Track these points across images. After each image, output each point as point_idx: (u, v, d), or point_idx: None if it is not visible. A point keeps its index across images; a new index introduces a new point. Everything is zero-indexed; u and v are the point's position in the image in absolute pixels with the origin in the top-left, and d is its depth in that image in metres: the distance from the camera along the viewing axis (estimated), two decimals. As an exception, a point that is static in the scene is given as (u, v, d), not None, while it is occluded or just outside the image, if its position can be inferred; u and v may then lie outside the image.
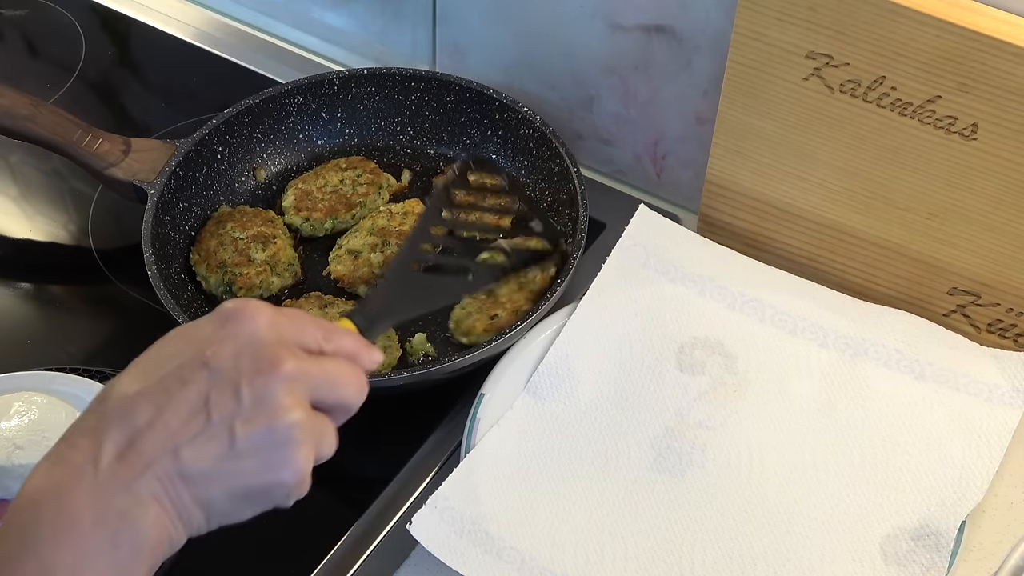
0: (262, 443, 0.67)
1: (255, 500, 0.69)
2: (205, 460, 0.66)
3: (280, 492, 0.69)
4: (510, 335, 1.00)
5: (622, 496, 0.95)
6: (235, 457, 0.67)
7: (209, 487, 0.67)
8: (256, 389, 0.67)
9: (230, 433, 0.67)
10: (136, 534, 0.66)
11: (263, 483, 0.68)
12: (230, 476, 0.67)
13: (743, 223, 1.11)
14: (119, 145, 1.12)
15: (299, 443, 0.68)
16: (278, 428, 0.67)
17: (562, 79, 1.19)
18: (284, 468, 0.68)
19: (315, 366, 0.71)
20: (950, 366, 1.00)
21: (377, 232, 1.11)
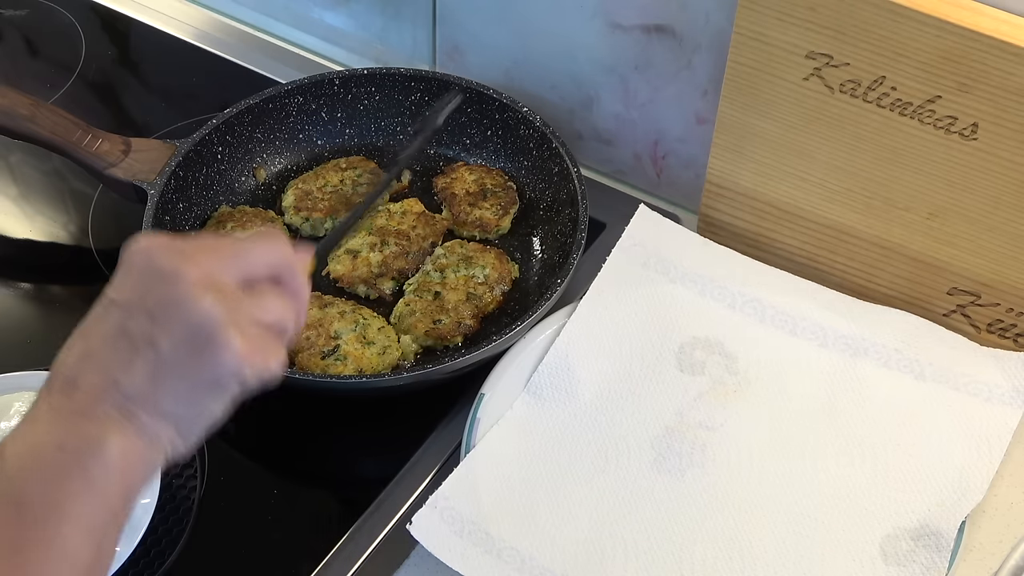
0: (183, 337, 0.68)
1: (209, 393, 0.70)
2: (142, 377, 0.68)
3: (227, 376, 0.69)
4: (510, 335, 1.00)
5: (622, 496, 0.95)
6: (166, 362, 0.68)
7: (158, 401, 0.68)
8: (162, 299, 0.69)
9: (153, 346, 0.68)
10: (102, 454, 0.67)
11: (206, 376, 0.69)
12: (171, 380, 0.68)
13: (743, 223, 1.11)
14: (119, 145, 1.12)
15: (218, 321, 0.68)
16: (190, 317, 0.68)
17: (562, 79, 1.19)
18: (216, 351, 0.68)
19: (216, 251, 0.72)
20: (950, 366, 1.00)
21: (376, 231, 1.11)
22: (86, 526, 0.67)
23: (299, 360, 1.02)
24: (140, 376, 0.68)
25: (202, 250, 0.71)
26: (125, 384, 0.68)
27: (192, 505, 0.96)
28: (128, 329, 0.69)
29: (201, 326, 0.68)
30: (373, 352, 1.02)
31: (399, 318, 1.06)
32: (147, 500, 0.92)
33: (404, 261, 1.10)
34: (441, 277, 1.08)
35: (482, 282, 1.08)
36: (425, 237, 1.11)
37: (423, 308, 1.06)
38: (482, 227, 1.13)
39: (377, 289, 1.09)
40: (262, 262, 0.74)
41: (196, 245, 0.72)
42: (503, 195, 1.15)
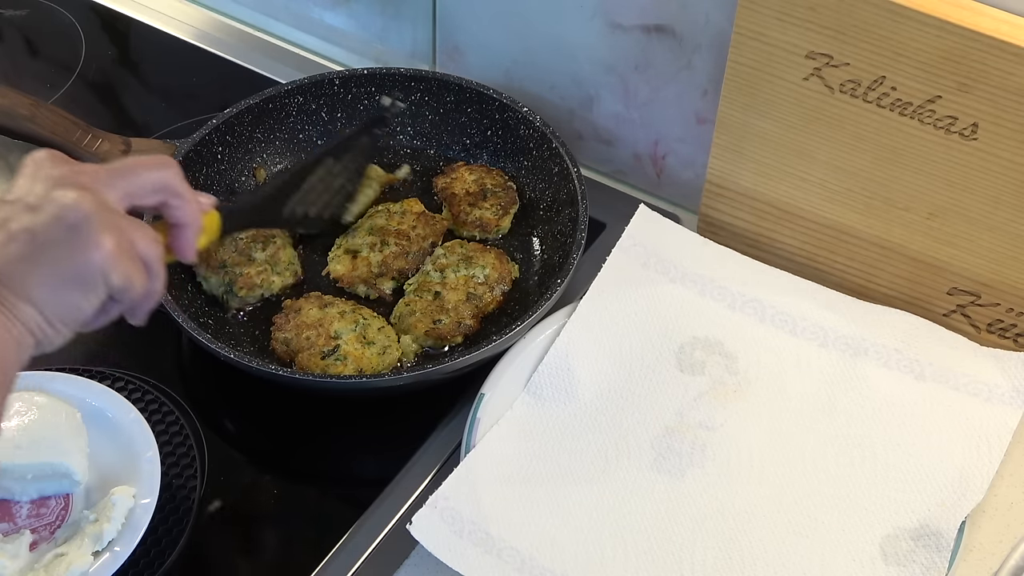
0: (58, 229, 0.72)
1: (75, 284, 0.73)
2: (13, 259, 0.72)
3: (94, 272, 0.73)
4: (510, 335, 1.00)
5: (622, 496, 0.95)
6: (38, 249, 0.72)
7: (25, 280, 0.72)
8: (45, 197, 0.74)
9: (29, 232, 0.72)
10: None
11: (73, 266, 0.73)
12: (40, 265, 0.72)
13: (743, 223, 1.11)
14: (119, 145, 1.12)
15: (93, 223, 0.73)
16: (68, 213, 0.72)
17: (562, 79, 1.19)
18: (87, 248, 0.72)
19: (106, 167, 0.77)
20: (950, 366, 1.00)
21: (376, 231, 1.11)
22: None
23: (299, 360, 1.02)
24: (13, 259, 0.72)
25: (90, 165, 0.77)
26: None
27: (192, 505, 0.96)
28: (8, 221, 0.73)
29: (76, 222, 0.72)
30: (373, 352, 1.02)
31: (399, 318, 1.06)
32: (147, 500, 0.92)
33: (404, 261, 1.10)
34: (441, 277, 1.08)
35: (482, 282, 1.08)
36: (425, 237, 1.11)
37: (423, 308, 1.06)
38: (482, 227, 1.13)
39: (377, 289, 1.09)
40: (148, 183, 0.78)
41: (91, 163, 0.77)
42: (503, 195, 1.15)
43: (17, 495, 0.93)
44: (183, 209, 0.81)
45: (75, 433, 0.94)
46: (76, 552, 0.89)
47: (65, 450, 0.92)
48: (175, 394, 1.02)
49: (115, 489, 0.92)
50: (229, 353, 0.97)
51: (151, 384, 1.02)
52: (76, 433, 0.94)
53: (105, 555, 0.89)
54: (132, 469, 0.93)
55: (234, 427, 1.04)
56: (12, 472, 0.91)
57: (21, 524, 0.92)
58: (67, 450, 0.92)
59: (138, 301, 0.77)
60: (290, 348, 1.03)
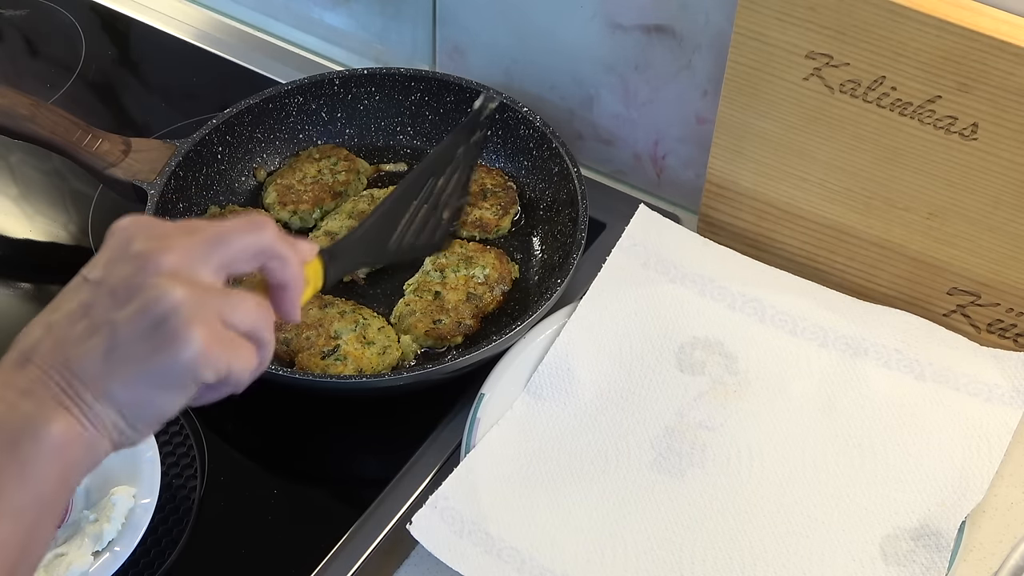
0: (143, 325, 0.66)
1: (161, 385, 0.67)
2: (92, 356, 0.66)
3: (183, 371, 0.66)
4: (510, 335, 1.00)
5: (622, 496, 0.95)
6: (121, 346, 0.66)
7: (105, 381, 0.66)
8: (131, 282, 0.67)
9: (111, 326, 0.66)
10: (38, 435, 0.65)
11: (159, 364, 0.66)
12: (121, 365, 0.66)
13: (743, 223, 1.11)
14: (119, 145, 1.12)
15: (182, 315, 0.66)
16: (154, 306, 0.66)
17: (562, 79, 1.19)
18: (175, 345, 0.66)
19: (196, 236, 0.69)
20: (950, 366, 1.00)
21: (356, 216, 1.11)
22: (12, 509, 0.64)
23: (299, 360, 1.02)
24: (92, 356, 0.66)
25: (182, 233, 0.69)
26: (75, 362, 0.66)
27: (192, 505, 0.96)
28: (90, 307, 0.67)
29: (163, 317, 0.66)
30: (373, 352, 1.02)
31: (399, 318, 1.06)
32: (147, 500, 0.92)
33: None
34: (441, 277, 1.08)
35: (482, 282, 1.08)
36: None
37: (423, 308, 1.06)
38: (482, 227, 1.13)
39: (351, 272, 1.09)
40: (247, 250, 0.71)
41: (178, 227, 0.70)
42: (503, 195, 1.15)
43: (17, 495, 0.93)
44: (285, 271, 0.72)
45: (75, 433, 0.94)
46: (76, 552, 0.88)
47: (65, 450, 0.92)
48: (175, 394, 1.02)
49: (115, 489, 0.92)
50: (229, 353, 0.97)
51: (151, 384, 1.02)
52: (76, 433, 0.94)
53: (105, 555, 0.89)
54: (132, 469, 0.93)
55: (234, 427, 1.04)
56: (12, 472, 0.91)
57: (21, 524, 0.92)
58: (67, 450, 0.92)
59: (246, 380, 0.70)
60: (290, 348, 1.03)
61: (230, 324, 0.68)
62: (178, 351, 0.66)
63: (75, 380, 0.66)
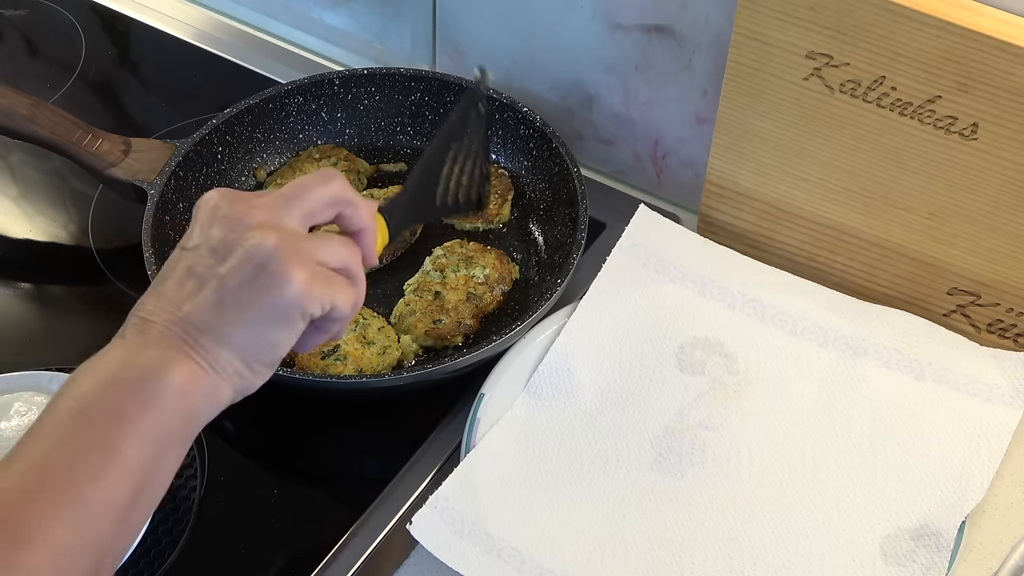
0: (247, 272, 0.72)
1: (273, 323, 0.73)
2: (207, 305, 0.72)
3: (291, 308, 0.73)
4: (510, 335, 1.00)
5: (622, 496, 0.95)
6: (231, 291, 0.72)
7: (222, 327, 0.72)
8: (227, 239, 0.73)
9: (217, 278, 0.72)
10: (164, 376, 0.70)
11: (270, 307, 0.72)
12: (235, 310, 0.72)
13: (743, 223, 1.11)
14: (119, 145, 1.12)
15: (280, 258, 0.72)
16: (253, 254, 0.72)
17: (562, 79, 1.19)
18: (280, 285, 0.72)
19: (276, 195, 0.76)
20: (950, 366, 1.00)
21: None
22: (143, 437, 0.69)
23: (299, 360, 1.02)
24: (205, 305, 0.72)
25: (262, 196, 0.76)
26: (191, 313, 0.72)
27: (192, 505, 0.96)
28: (194, 268, 0.73)
29: (263, 262, 0.72)
30: (373, 352, 1.02)
31: (399, 318, 1.06)
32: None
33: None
34: (441, 277, 1.08)
35: (482, 282, 1.08)
36: None
37: (423, 308, 1.06)
38: (483, 217, 1.13)
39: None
40: (322, 200, 0.77)
41: (257, 192, 0.77)
42: (498, 183, 1.15)
43: (17, 495, 0.93)
44: (358, 215, 0.79)
45: (75, 433, 0.94)
46: (76, 552, 0.88)
47: (65, 450, 0.92)
48: (175, 394, 1.02)
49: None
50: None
51: (151, 384, 1.02)
52: (76, 433, 0.94)
53: (105, 555, 0.89)
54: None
55: (234, 427, 1.04)
56: (12, 472, 0.91)
57: (21, 524, 0.92)
58: (67, 450, 0.92)
59: (348, 313, 0.76)
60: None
61: (323, 261, 0.75)
62: (283, 288, 0.72)
63: (193, 330, 0.72)
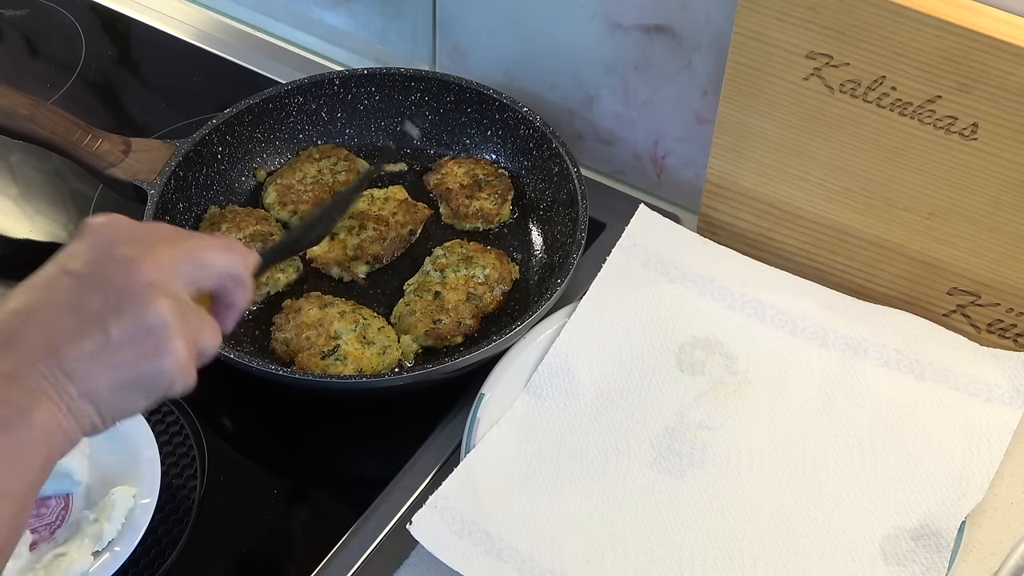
0: (135, 333, 0.70)
1: (140, 390, 0.71)
2: (85, 355, 0.69)
3: (162, 380, 0.71)
4: (510, 335, 1.00)
5: (622, 496, 0.95)
6: (112, 349, 0.69)
7: (93, 380, 0.69)
8: (120, 284, 0.70)
9: (103, 328, 0.69)
10: (26, 421, 0.67)
11: (144, 372, 0.70)
12: (111, 368, 0.69)
13: (743, 223, 1.11)
14: (119, 145, 1.12)
15: (171, 330, 0.70)
16: (147, 317, 0.70)
17: (562, 79, 1.19)
18: (161, 356, 0.70)
19: (176, 249, 0.74)
20: (950, 366, 1.00)
21: (356, 215, 1.11)
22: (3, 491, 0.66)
23: (299, 360, 1.02)
24: (83, 353, 0.69)
25: (161, 242, 0.74)
26: (67, 356, 0.69)
27: (192, 505, 0.96)
28: (81, 304, 0.70)
29: (154, 328, 0.70)
30: (373, 352, 1.02)
31: (399, 318, 1.06)
32: (147, 500, 0.92)
33: (380, 247, 1.10)
34: (441, 277, 1.08)
35: (482, 282, 1.08)
36: (404, 224, 1.11)
37: (423, 308, 1.06)
38: (484, 217, 1.13)
39: (351, 272, 1.09)
40: (216, 270, 0.76)
41: (155, 235, 0.74)
42: (497, 183, 1.15)
43: (17, 495, 0.93)
44: (241, 296, 0.78)
45: (75, 433, 0.94)
46: (76, 552, 0.88)
47: (65, 450, 0.92)
48: (175, 394, 1.02)
49: (115, 489, 0.92)
50: (229, 353, 0.97)
51: (151, 384, 1.02)
52: (76, 433, 0.94)
53: (105, 555, 0.89)
54: (132, 469, 0.93)
55: (234, 427, 1.04)
56: (12, 472, 0.91)
57: (21, 524, 0.92)
58: (67, 450, 0.92)
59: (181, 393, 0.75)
60: (290, 348, 1.03)
61: (199, 344, 0.73)
62: (164, 360, 0.70)
63: (63, 375, 0.68)
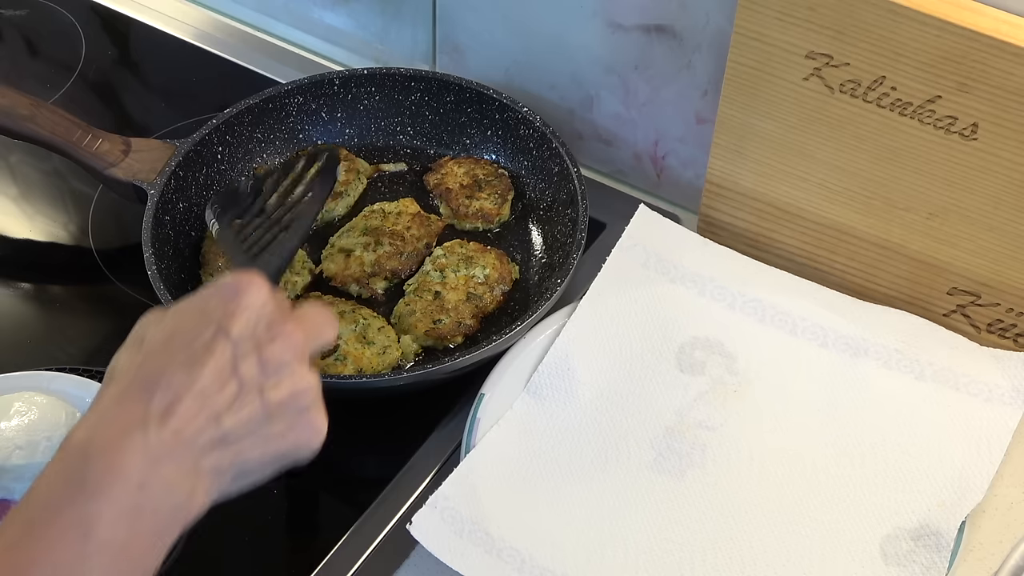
0: (290, 407, 0.71)
1: (281, 461, 0.72)
2: (244, 425, 0.69)
3: (304, 453, 0.73)
4: (510, 335, 1.00)
5: (622, 496, 0.95)
6: (268, 421, 0.70)
7: (248, 451, 0.70)
8: (276, 355, 0.71)
9: (262, 398, 0.70)
10: (177, 502, 0.68)
11: (291, 445, 0.72)
12: (265, 440, 0.70)
13: (743, 223, 1.11)
14: (119, 145, 1.12)
15: (318, 405, 0.72)
16: (300, 393, 0.71)
17: (562, 79, 1.19)
18: (309, 430, 0.72)
19: (306, 324, 0.75)
20: (950, 366, 1.00)
21: (370, 232, 1.11)
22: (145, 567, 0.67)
23: (299, 360, 1.02)
24: (244, 424, 0.69)
25: (297, 323, 0.74)
26: (228, 426, 0.69)
27: (192, 505, 0.95)
28: (239, 370, 0.69)
29: (307, 407, 0.72)
30: (373, 352, 1.02)
31: (399, 318, 1.06)
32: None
33: (398, 261, 1.10)
34: (441, 277, 1.08)
35: (482, 282, 1.08)
36: (420, 238, 1.11)
37: (423, 308, 1.06)
38: (484, 217, 1.13)
39: (369, 288, 1.09)
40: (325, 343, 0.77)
41: (290, 314, 0.74)
42: (497, 183, 1.15)
43: (17, 495, 0.93)
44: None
45: (75, 433, 0.94)
46: (76, 552, 0.88)
47: (65, 450, 0.92)
48: (175, 394, 1.02)
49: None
50: (229, 353, 0.97)
51: (151, 384, 1.02)
52: (76, 433, 0.94)
53: (105, 555, 0.89)
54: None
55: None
56: (12, 472, 0.91)
57: (21, 524, 0.92)
58: (67, 450, 0.92)
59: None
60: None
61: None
62: (313, 438, 0.73)
63: (221, 445, 0.69)
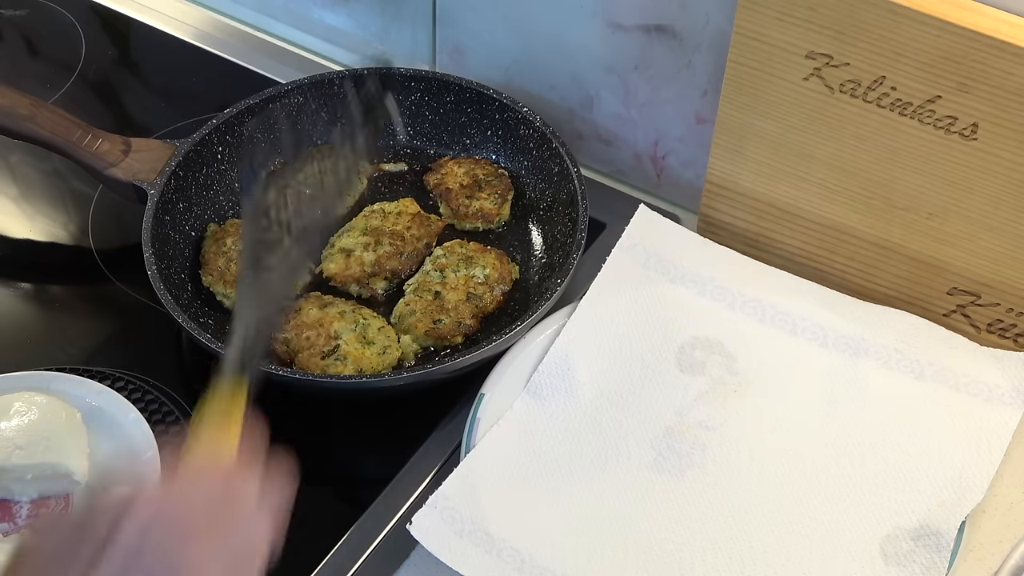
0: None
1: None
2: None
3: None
4: (510, 335, 1.00)
5: (622, 496, 0.95)
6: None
7: None
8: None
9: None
10: None
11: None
12: None
13: (743, 223, 1.11)
14: (119, 145, 1.12)
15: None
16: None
17: (562, 79, 1.19)
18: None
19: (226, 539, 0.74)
20: (950, 366, 1.00)
21: (371, 232, 1.11)
22: None
23: (299, 360, 1.02)
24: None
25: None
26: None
27: (192, 505, 0.95)
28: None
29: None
30: (373, 352, 1.02)
31: (399, 318, 1.06)
32: (147, 500, 0.92)
33: (398, 262, 1.10)
34: (441, 277, 1.08)
35: (482, 282, 1.08)
36: (420, 238, 1.11)
37: (423, 308, 1.06)
38: (484, 217, 1.13)
39: (369, 289, 1.09)
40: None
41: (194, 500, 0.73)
42: (497, 183, 1.15)
43: (17, 495, 0.93)
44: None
45: (75, 433, 0.94)
46: (76, 552, 0.88)
47: (65, 450, 0.92)
48: (175, 394, 1.02)
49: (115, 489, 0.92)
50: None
51: (151, 384, 1.02)
52: (76, 433, 0.94)
53: (105, 555, 0.89)
54: (132, 469, 0.93)
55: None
56: (12, 472, 0.91)
57: (21, 524, 0.92)
58: (67, 450, 0.92)
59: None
60: (290, 348, 1.03)
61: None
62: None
63: None
